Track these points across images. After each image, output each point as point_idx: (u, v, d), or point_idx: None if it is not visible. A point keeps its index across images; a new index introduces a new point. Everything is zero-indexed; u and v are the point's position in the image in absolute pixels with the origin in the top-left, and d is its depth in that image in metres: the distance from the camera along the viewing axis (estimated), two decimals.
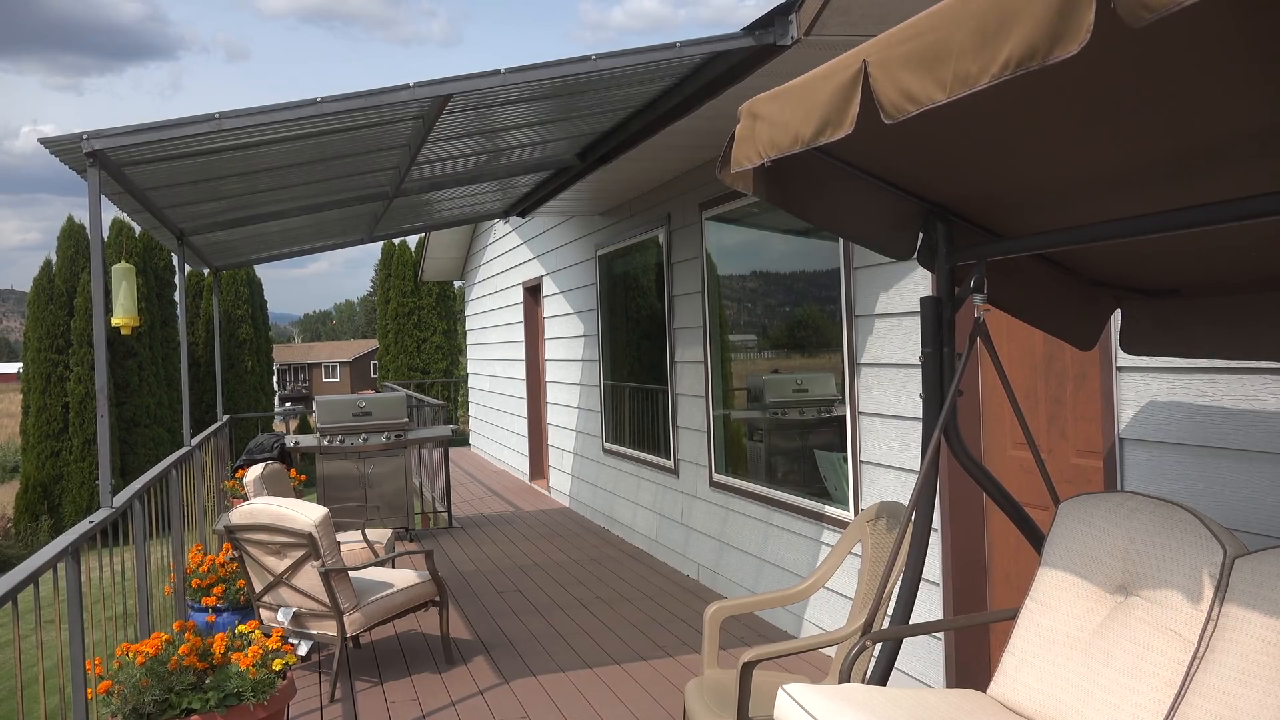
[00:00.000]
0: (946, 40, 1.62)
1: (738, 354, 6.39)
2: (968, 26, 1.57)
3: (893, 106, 1.75)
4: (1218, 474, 3.03)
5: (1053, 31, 1.40)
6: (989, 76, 1.53)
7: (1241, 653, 2.17)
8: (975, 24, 1.55)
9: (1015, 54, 1.46)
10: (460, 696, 4.95)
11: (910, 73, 1.70)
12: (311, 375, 70.30)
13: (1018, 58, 1.46)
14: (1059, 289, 3.05)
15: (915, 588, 2.77)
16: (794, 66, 4.27)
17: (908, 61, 1.71)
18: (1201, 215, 2.04)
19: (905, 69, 1.72)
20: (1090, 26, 1.33)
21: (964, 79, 1.58)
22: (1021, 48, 1.45)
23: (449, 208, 8.53)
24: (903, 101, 1.72)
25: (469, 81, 4.14)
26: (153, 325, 21.34)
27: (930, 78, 1.66)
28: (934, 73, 1.65)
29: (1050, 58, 1.41)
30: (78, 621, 3.31)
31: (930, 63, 1.66)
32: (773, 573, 5.93)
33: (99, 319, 4.11)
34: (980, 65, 1.55)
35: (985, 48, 1.53)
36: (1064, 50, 1.38)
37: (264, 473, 6.19)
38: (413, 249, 25.49)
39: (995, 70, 1.51)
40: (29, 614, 7.59)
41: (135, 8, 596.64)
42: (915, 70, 1.69)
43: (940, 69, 1.63)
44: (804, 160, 2.68)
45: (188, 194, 5.73)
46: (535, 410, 12.34)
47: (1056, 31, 1.39)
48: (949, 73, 1.61)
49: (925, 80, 1.67)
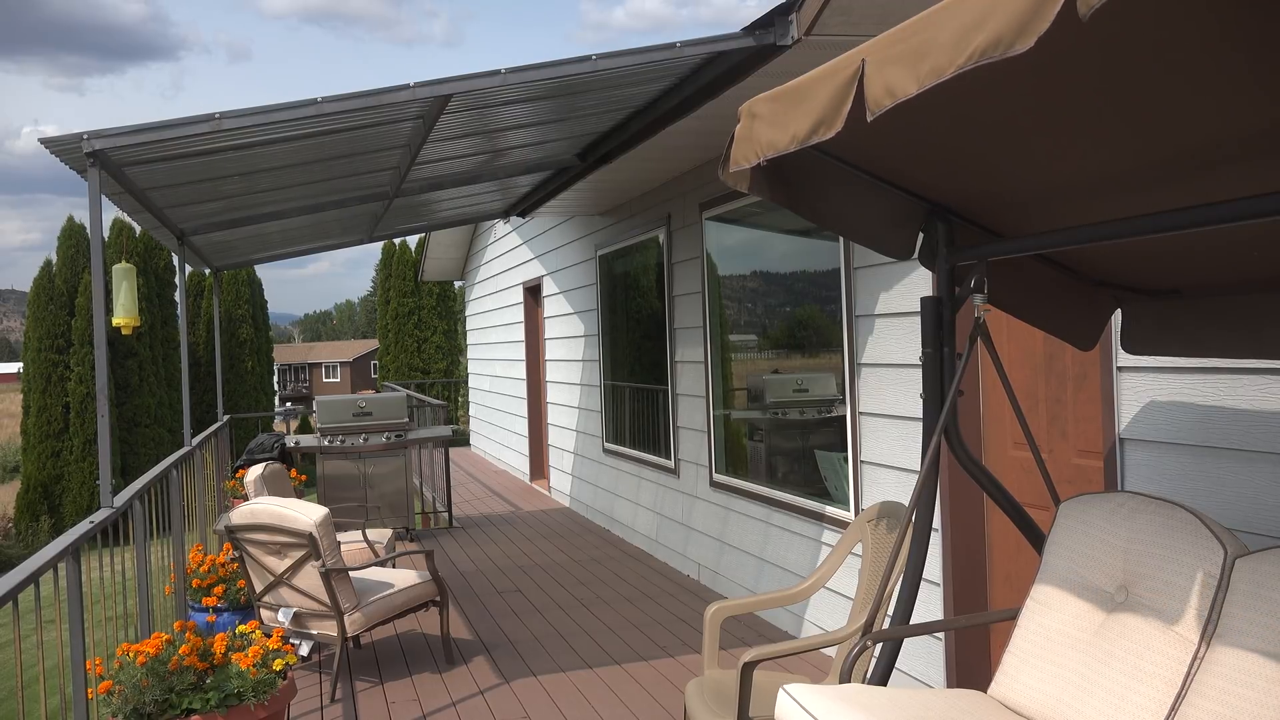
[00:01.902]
0: (933, 39, 1.66)
1: (738, 354, 6.39)
2: (951, 26, 1.61)
3: (874, 102, 1.80)
4: (1218, 474, 3.03)
5: (1020, 25, 1.46)
6: (954, 67, 1.60)
7: (1242, 653, 2.17)
8: (958, 23, 1.59)
9: (980, 44, 1.54)
10: (461, 696, 4.95)
11: (895, 69, 1.76)
12: (312, 375, 70.32)
13: (982, 48, 1.53)
14: (1059, 289, 3.05)
15: (915, 588, 2.77)
16: (794, 67, 4.27)
17: (898, 60, 1.75)
18: (1201, 215, 2.04)
19: (893, 66, 1.76)
20: (1051, 20, 1.38)
21: (936, 71, 1.66)
22: (988, 39, 1.52)
23: (449, 208, 8.53)
24: (883, 96, 1.78)
25: (469, 81, 4.14)
26: (153, 325, 21.35)
27: (910, 73, 1.73)
28: (914, 68, 1.72)
29: (1011, 50, 1.47)
30: (78, 621, 3.31)
31: (914, 60, 1.71)
32: (773, 573, 5.93)
33: (99, 319, 4.11)
34: (949, 57, 1.62)
35: (959, 42, 1.60)
36: (1024, 43, 1.44)
37: (264, 473, 6.19)
38: (413, 249, 25.48)
39: (961, 61, 1.58)
40: (29, 614, 7.59)
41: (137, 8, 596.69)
42: (900, 67, 1.75)
43: (921, 64, 1.70)
44: (805, 160, 2.68)
45: (188, 194, 5.73)
46: (535, 410, 12.34)
47: (1023, 25, 1.45)
48: (926, 66, 1.68)
49: (905, 75, 1.74)
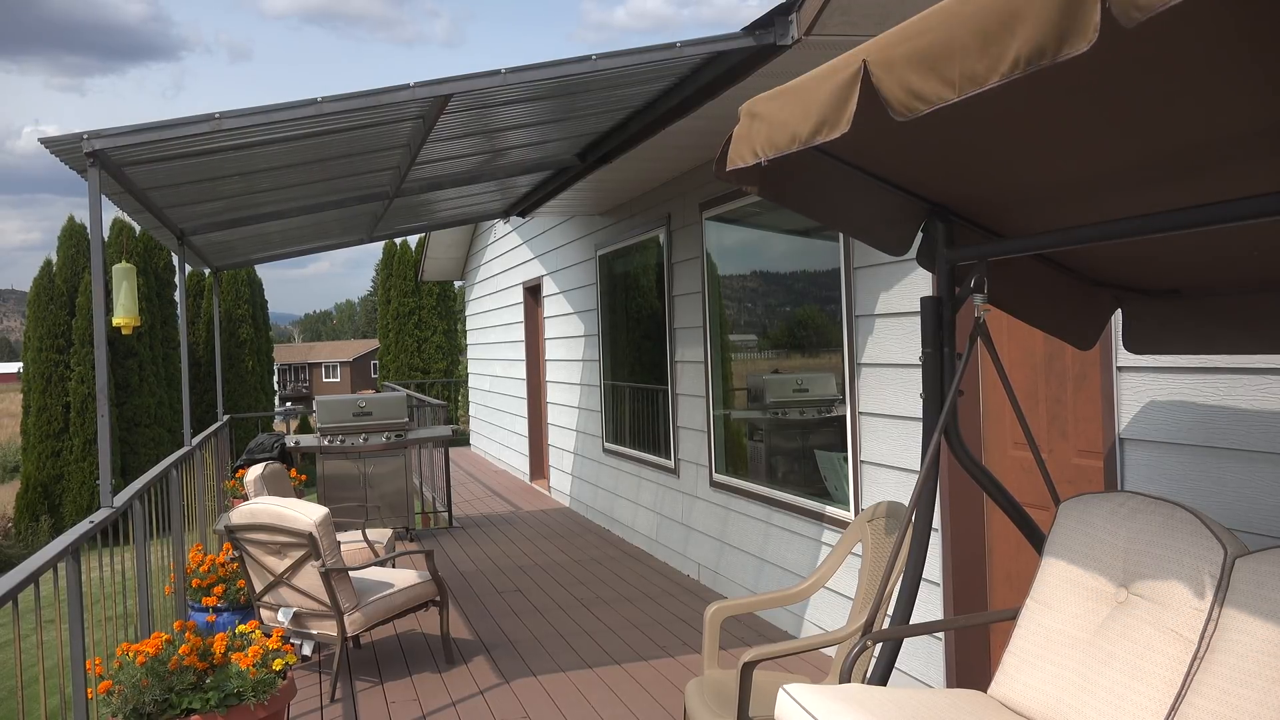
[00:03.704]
0: (949, 40, 1.63)
1: (738, 354, 6.39)
2: (968, 26, 1.58)
3: (901, 105, 1.76)
4: (1218, 474, 3.03)
5: (1059, 30, 1.42)
6: (998, 75, 1.55)
7: (1242, 653, 2.16)
8: (976, 24, 1.57)
9: (1024, 52, 1.49)
10: (460, 696, 4.95)
11: (916, 72, 1.71)
12: (312, 375, 70.31)
13: (1026, 56, 1.48)
14: (1059, 289, 3.05)
15: (915, 588, 2.77)
16: (794, 67, 4.27)
17: (910, 60, 1.72)
18: (1201, 215, 2.04)
19: (910, 68, 1.72)
20: (1098, 25, 1.35)
21: (972, 78, 1.60)
22: (1029, 46, 1.47)
23: (449, 208, 8.53)
24: (911, 100, 1.74)
25: (469, 81, 4.14)
26: (153, 325, 21.33)
27: (937, 77, 1.67)
28: (940, 72, 1.66)
29: (1060, 55, 1.43)
30: (78, 621, 3.31)
31: (934, 62, 1.67)
32: (773, 573, 5.93)
33: (99, 319, 4.11)
34: (987, 64, 1.57)
35: (990, 47, 1.55)
36: (1073, 48, 1.40)
37: (264, 472, 6.19)
38: (413, 249, 25.47)
39: (1004, 69, 1.53)
40: (29, 614, 7.58)
41: (138, 8, 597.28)
42: (919, 69, 1.71)
43: (946, 68, 1.65)
44: (805, 159, 2.68)
45: (188, 194, 5.73)
46: (535, 410, 12.34)
47: (1063, 30, 1.41)
48: (955, 72, 1.63)
49: (931, 79, 1.69)
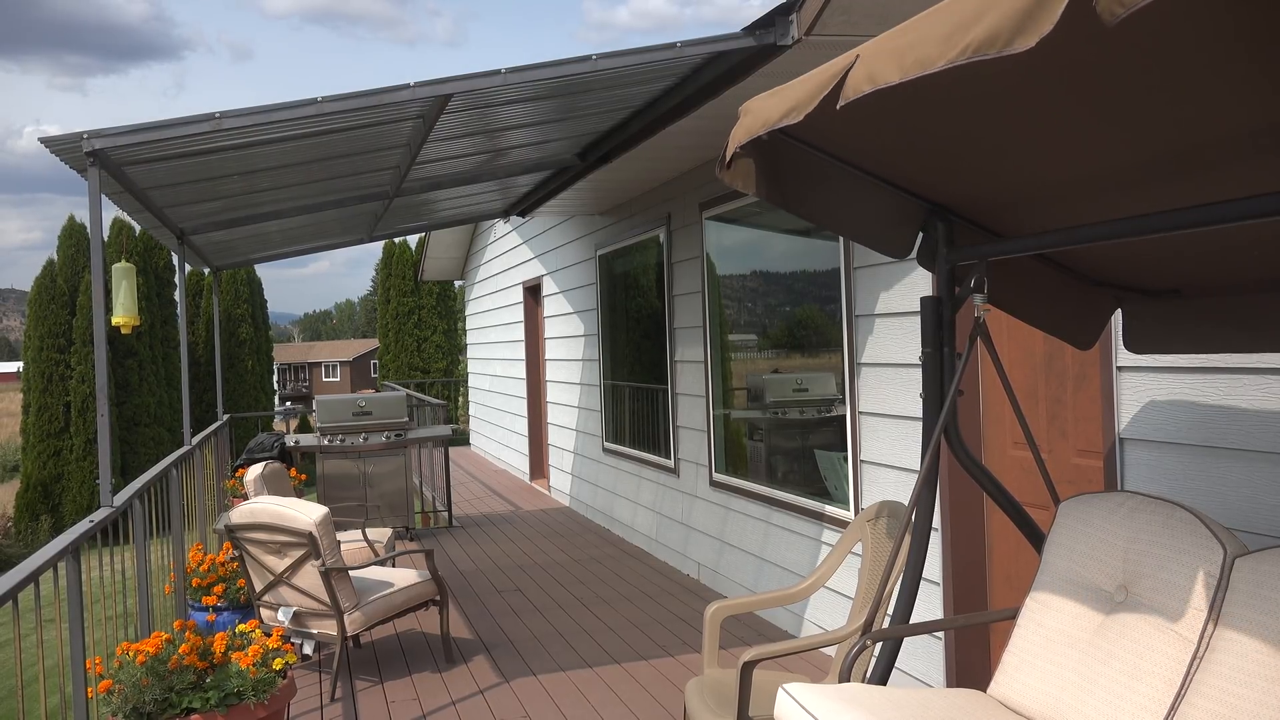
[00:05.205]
0: (924, 33, 1.66)
1: (738, 354, 6.39)
2: (947, 22, 1.60)
3: (852, 89, 1.81)
4: (1218, 474, 3.03)
5: (1018, 23, 1.43)
6: (945, 60, 1.58)
7: (1242, 652, 2.17)
8: (953, 20, 1.59)
9: (975, 40, 1.52)
10: (460, 696, 4.95)
11: (881, 61, 1.76)
12: (312, 375, 70.30)
13: (977, 43, 1.51)
14: (1059, 289, 3.05)
15: (915, 587, 2.77)
16: (794, 66, 4.27)
17: (885, 52, 1.76)
18: (1201, 215, 2.04)
19: (882, 58, 1.76)
20: (1055, 21, 1.36)
21: (922, 62, 1.64)
22: (984, 34, 1.50)
23: (449, 207, 8.53)
24: (862, 83, 1.78)
25: (469, 81, 4.14)
26: (153, 325, 21.33)
27: (895, 63, 1.72)
28: (899, 59, 1.71)
29: (1009, 48, 1.45)
30: (78, 621, 3.31)
31: (902, 51, 1.71)
32: (773, 572, 5.93)
33: (99, 318, 4.11)
34: (940, 50, 1.60)
35: (951, 36, 1.59)
36: (1024, 43, 1.42)
37: (264, 472, 6.19)
38: (413, 248, 25.48)
39: (953, 55, 1.56)
40: (29, 613, 7.58)
41: (140, 8, 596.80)
42: (889, 58, 1.76)
43: (906, 55, 1.70)
44: (804, 159, 2.68)
45: (188, 193, 5.73)
46: (535, 410, 12.34)
47: (1021, 24, 1.43)
48: (911, 58, 1.68)
49: (890, 65, 1.74)
